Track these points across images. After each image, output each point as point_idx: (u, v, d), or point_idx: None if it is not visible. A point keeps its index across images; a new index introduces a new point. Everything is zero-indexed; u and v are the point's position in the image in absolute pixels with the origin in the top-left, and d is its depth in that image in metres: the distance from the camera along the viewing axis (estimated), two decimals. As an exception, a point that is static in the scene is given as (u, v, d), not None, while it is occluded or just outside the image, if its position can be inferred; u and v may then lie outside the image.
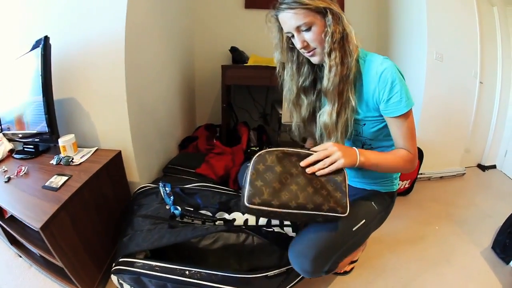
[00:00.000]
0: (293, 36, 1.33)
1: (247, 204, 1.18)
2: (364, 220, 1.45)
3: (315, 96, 1.56)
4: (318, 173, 1.24)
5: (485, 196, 3.27)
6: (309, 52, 1.35)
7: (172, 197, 1.78)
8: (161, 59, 2.61)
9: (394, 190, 1.66)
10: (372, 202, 1.54)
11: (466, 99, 3.55)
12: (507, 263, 2.15)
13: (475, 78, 3.49)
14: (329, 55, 1.29)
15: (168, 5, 2.66)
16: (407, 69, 3.23)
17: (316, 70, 1.52)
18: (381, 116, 1.38)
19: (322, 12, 1.26)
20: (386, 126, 1.42)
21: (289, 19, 1.27)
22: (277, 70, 1.57)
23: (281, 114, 2.85)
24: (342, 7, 3.69)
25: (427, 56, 3.08)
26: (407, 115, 1.32)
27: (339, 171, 1.25)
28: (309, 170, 1.24)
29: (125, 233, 1.61)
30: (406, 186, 3.05)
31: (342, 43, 1.29)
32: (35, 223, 1.31)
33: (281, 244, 1.57)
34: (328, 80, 1.32)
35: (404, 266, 2.10)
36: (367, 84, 1.34)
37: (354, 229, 1.41)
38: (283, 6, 1.26)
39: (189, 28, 3.43)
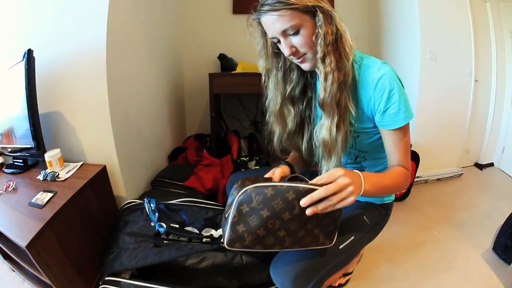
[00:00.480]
0: (278, 41, 1.19)
1: (227, 247, 1.11)
2: (353, 237, 1.35)
3: (304, 105, 1.44)
4: (320, 212, 1.01)
5: (484, 196, 3.29)
6: (298, 58, 1.22)
7: (157, 214, 1.80)
8: (146, 69, 2.62)
9: (390, 201, 1.57)
10: (364, 216, 1.44)
11: (461, 98, 3.58)
12: (509, 263, 2.17)
13: (470, 76, 3.52)
14: (323, 60, 1.16)
15: (152, 13, 2.68)
16: (400, 70, 3.21)
17: (307, 76, 1.41)
18: (376, 127, 1.29)
19: (311, 11, 1.13)
20: (380, 139, 1.33)
21: (273, 22, 1.13)
22: (262, 80, 1.45)
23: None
24: (331, 4, 3.68)
25: (421, 55, 3.09)
26: (404, 129, 1.23)
27: None
28: (309, 212, 1.01)
29: (111, 250, 1.64)
30: (403, 191, 3.02)
31: (336, 45, 1.16)
32: (21, 241, 1.34)
33: (271, 261, 1.57)
34: (324, 90, 1.19)
35: (403, 275, 2.08)
36: (362, 92, 1.24)
37: (341, 247, 1.30)
38: (265, 8, 1.13)
39: (176, 36, 3.45)
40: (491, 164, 4.14)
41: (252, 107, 3.87)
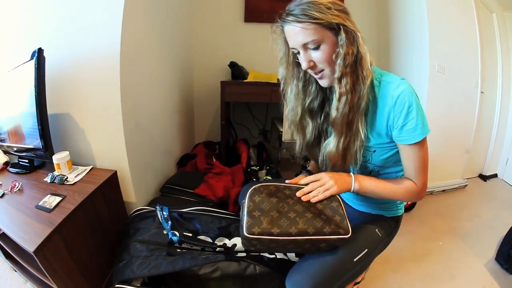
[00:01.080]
0: (298, 52, 1.21)
1: (246, 235, 1.16)
2: (366, 250, 1.36)
3: (322, 119, 1.44)
4: (313, 200, 1.24)
5: (488, 206, 3.34)
6: (316, 73, 1.23)
7: (170, 222, 1.76)
8: (159, 75, 2.60)
9: (400, 215, 1.58)
10: (376, 229, 1.45)
11: (467, 111, 3.60)
12: (511, 273, 2.21)
13: (476, 88, 3.53)
14: (340, 80, 1.17)
15: (166, 20, 2.67)
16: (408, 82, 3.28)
17: (326, 90, 1.38)
18: (393, 142, 1.29)
19: (334, 28, 1.13)
20: (396, 152, 1.32)
21: (296, 34, 1.14)
22: (281, 88, 1.44)
23: (281, 131, 2.85)
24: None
25: (430, 68, 3.10)
26: (421, 144, 1.24)
27: (333, 197, 1.26)
28: (304, 198, 1.25)
29: (121, 258, 1.59)
30: (409, 202, 3.02)
31: (355, 67, 1.16)
32: (29, 246, 1.30)
33: (284, 271, 1.49)
34: (336, 109, 1.21)
35: (409, 285, 2.14)
36: (382, 108, 1.23)
37: (355, 259, 1.32)
38: (290, 18, 1.13)
39: (188, 43, 3.44)
40: (495, 175, 4.18)
41: (261, 116, 3.86)
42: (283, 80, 1.41)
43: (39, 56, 1.70)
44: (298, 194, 1.26)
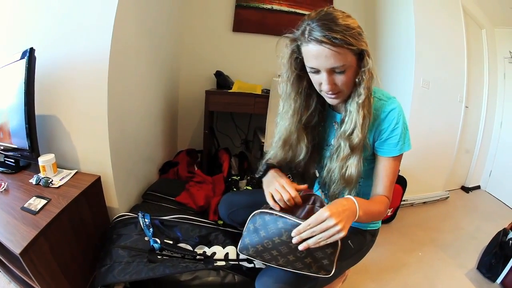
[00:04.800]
0: (317, 71, 1.18)
1: (238, 252, 1.31)
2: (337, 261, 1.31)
3: (316, 132, 1.46)
4: (311, 247, 1.09)
5: (470, 218, 3.39)
6: (333, 93, 1.21)
7: (151, 229, 1.81)
8: (146, 81, 2.64)
9: (377, 228, 1.61)
10: (349, 241, 1.45)
11: (451, 125, 3.70)
12: (494, 281, 2.27)
13: (461, 103, 3.64)
14: (364, 104, 1.20)
15: (155, 26, 2.71)
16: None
17: (324, 107, 1.43)
18: (373, 155, 1.37)
19: (359, 53, 1.16)
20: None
21: (326, 56, 1.10)
22: (280, 106, 1.42)
23: (263, 142, 2.92)
24: None
25: (414, 83, 3.18)
26: (397, 158, 1.31)
27: (333, 243, 1.13)
28: (301, 247, 1.10)
29: (104, 262, 1.63)
30: (389, 214, 3.10)
31: (370, 88, 1.20)
32: (15, 248, 1.33)
33: None
34: (361, 131, 1.22)
35: None
36: (372, 122, 1.27)
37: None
38: (321, 37, 1.08)
39: (176, 50, 3.48)
40: (478, 187, 4.31)
41: (244, 126, 3.92)
42: (283, 95, 1.39)
43: (30, 56, 1.71)
44: (294, 240, 1.11)
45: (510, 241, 2.44)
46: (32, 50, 1.73)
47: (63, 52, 1.93)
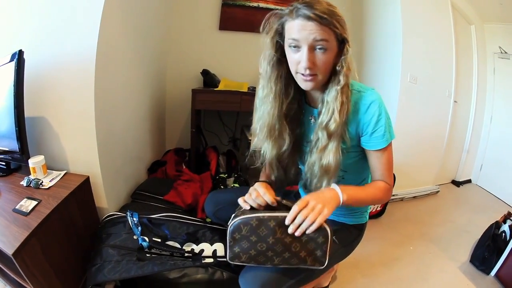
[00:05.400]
0: (296, 47, 1.20)
1: (229, 261, 1.29)
2: None
3: (295, 126, 1.46)
4: (307, 231, 1.15)
5: (461, 211, 3.43)
6: (308, 75, 1.21)
7: (139, 228, 1.85)
8: (133, 80, 2.66)
9: (363, 223, 1.63)
10: (334, 237, 1.39)
11: (440, 119, 3.76)
12: (488, 274, 2.31)
13: (449, 98, 3.70)
14: (342, 90, 1.23)
15: (141, 25, 2.73)
16: (379, 91, 3.39)
17: (304, 93, 1.43)
18: (359, 147, 1.38)
19: (340, 41, 1.21)
20: (361, 159, 1.42)
21: (311, 30, 1.14)
22: (260, 85, 1.40)
23: (250, 139, 2.96)
24: None
25: (401, 79, 3.22)
26: (387, 148, 1.34)
27: (322, 231, 1.17)
28: (297, 233, 1.16)
29: (94, 262, 1.68)
30: (378, 209, 3.13)
31: (348, 78, 1.25)
32: (7, 248, 1.37)
33: None
34: (339, 118, 1.24)
35: None
36: (353, 115, 1.30)
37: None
38: (309, 13, 1.13)
39: (162, 49, 3.50)
40: (469, 181, 4.38)
41: (231, 124, 3.95)
42: (264, 75, 1.37)
43: (19, 58, 1.73)
44: (290, 230, 1.16)
45: (503, 234, 2.49)
46: (21, 53, 1.74)
47: (50, 53, 1.95)
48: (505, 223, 2.58)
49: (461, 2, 3.74)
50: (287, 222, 1.17)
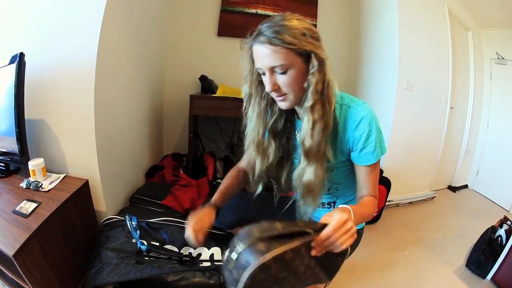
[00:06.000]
0: (264, 73, 1.20)
1: None
2: None
3: (285, 139, 1.45)
4: (340, 248, 1.00)
5: (457, 216, 3.46)
6: (278, 96, 1.23)
7: (138, 232, 1.87)
8: (132, 85, 2.69)
9: (361, 228, 1.64)
10: None
11: (436, 125, 3.80)
12: (484, 278, 2.34)
13: (446, 104, 3.75)
14: (313, 108, 1.18)
15: (140, 31, 2.76)
16: (376, 99, 3.48)
17: (289, 111, 1.39)
18: (349, 161, 1.38)
19: (305, 55, 1.15)
20: (352, 172, 1.41)
21: (265, 56, 1.14)
22: (244, 106, 1.42)
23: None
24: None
25: (397, 86, 3.25)
26: (376, 164, 1.33)
27: (344, 251, 1.04)
28: (317, 253, 1.01)
29: (93, 264, 1.68)
30: (374, 214, 3.10)
31: (323, 93, 1.19)
32: (8, 250, 1.39)
33: None
34: (311, 137, 1.21)
35: None
36: (343, 131, 1.30)
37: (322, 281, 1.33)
38: (262, 38, 1.13)
39: (160, 55, 3.53)
40: (465, 186, 4.44)
41: (229, 129, 3.96)
42: (246, 98, 1.40)
43: (20, 61, 1.75)
44: (315, 252, 1.00)
45: (499, 238, 2.51)
46: (22, 55, 1.76)
47: (51, 57, 1.98)
48: (501, 227, 2.61)
49: (458, 8, 3.79)
50: (316, 243, 1.00)
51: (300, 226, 1.00)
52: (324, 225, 1.01)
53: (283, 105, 1.27)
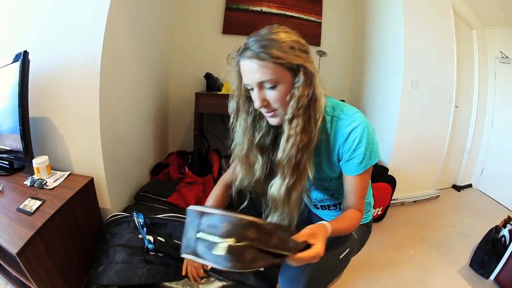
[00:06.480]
0: (252, 89, 1.18)
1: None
2: (348, 249, 1.45)
3: (273, 155, 1.35)
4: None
5: (461, 216, 3.42)
6: (268, 112, 1.21)
7: (145, 229, 1.85)
8: (137, 83, 2.66)
9: (369, 221, 1.65)
10: (353, 232, 1.50)
11: (440, 124, 3.74)
12: (487, 278, 2.31)
13: (450, 103, 3.68)
14: (290, 122, 1.16)
15: (145, 29, 2.74)
16: (381, 97, 3.48)
17: (279, 126, 1.32)
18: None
19: (293, 69, 1.12)
20: None
21: (253, 71, 1.11)
22: (230, 122, 1.37)
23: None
24: (318, 34, 3.74)
25: (402, 84, 3.22)
26: (363, 175, 1.30)
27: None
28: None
29: (100, 262, 1.66)
30: (379, 213, 3.13)
31: (307, 108, 1.16)
32: (12, 248, 1.37)
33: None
34: (283, 151, 1.20)
35: None
36: (333, 143, 1.28)
37: (340, 257, 1.42)
38: (249, 53, 1.10)
39: (165, 53, 3.50)
40: (469, 186, 4.37)
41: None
42: (232, 114, 1.35)
43: (24, 59, 1.73)
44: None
45: (503, 238, 2.48)
46: (26, 53, 1.75)
47: (56, 55, 1.96)
48: (505, 227, 2.58)
49: (463, 7, 3.75)
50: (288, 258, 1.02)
51: (291, 248, 1.02)
52: (307, 246, 1.05)
53: (273, 121, 1.25)
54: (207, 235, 0.94)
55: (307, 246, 1.06)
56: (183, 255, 1.01)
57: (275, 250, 0.97)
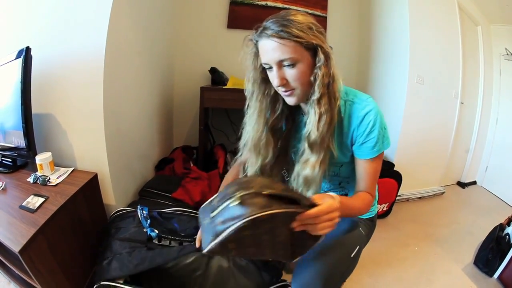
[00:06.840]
0: (270, 68, 1.19)
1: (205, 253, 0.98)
2: (358, 246, 1.44)
3: (284, 137, 1.44)
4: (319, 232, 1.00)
5: (466, 213, 3.41)
6: (286, 91, 1.22)
7: (149, 220, 1.84)
8: (141, 78, 2.64)
9: (373, 215, 1.64)
10: (360, 229, 1.51)
11: (446, 120, 3.72)
12: (491, 276, 2.30)
13: (456, 99, 3.66)
14: (319, 101, 1.18)
15: (149, 23, 2.72)
16: (387, 92, 3.45)
17: (291, 109, 1.39)
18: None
19: (312, 49, 1.15)
20: None
21: (273, 49, 1.12)
22: (246, 104, 1.42)
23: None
24: (323, 29, 3.76)
25: (408, 79, 3.19)
26: (376, 159, 1.32)
27: (318, 237, 1.06)
28: (297, 228, 0.98)
29: (104, 256, 1.64)
30: (385, 209, 3.12)
31: (329, 87, 1.18)
32: (14, 246, 1.35)
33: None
34: (317, 130, 1.21)
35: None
36: (347, 127, 1.30)
37: (352, 255, 1.40)
38: (269, 31, 1.11)
39: (170, 47, 3.48)
40: (474, 183, 4.34)
41: (239, 122, 3.82)
42: (248, 95, 1.38)
43: (26, 55, 1.72)
44: (296, 225, 0.97)
45: (507, 236, 2.47)
46: (28, 49, 1.73)
47: (58, 51, 1.95)
48: (509, 225, 2.56)
49: (468, 3, 3.71)
50: (300, 217, 0.96)
51: (297, 194, 0.99)
52: (314, 204, 0.99)
53: (290, 100, 1.26)
54: (219, 207, 0.95)
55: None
56: (205, 251, 0.97)
57: (285, 193, 0.95)
